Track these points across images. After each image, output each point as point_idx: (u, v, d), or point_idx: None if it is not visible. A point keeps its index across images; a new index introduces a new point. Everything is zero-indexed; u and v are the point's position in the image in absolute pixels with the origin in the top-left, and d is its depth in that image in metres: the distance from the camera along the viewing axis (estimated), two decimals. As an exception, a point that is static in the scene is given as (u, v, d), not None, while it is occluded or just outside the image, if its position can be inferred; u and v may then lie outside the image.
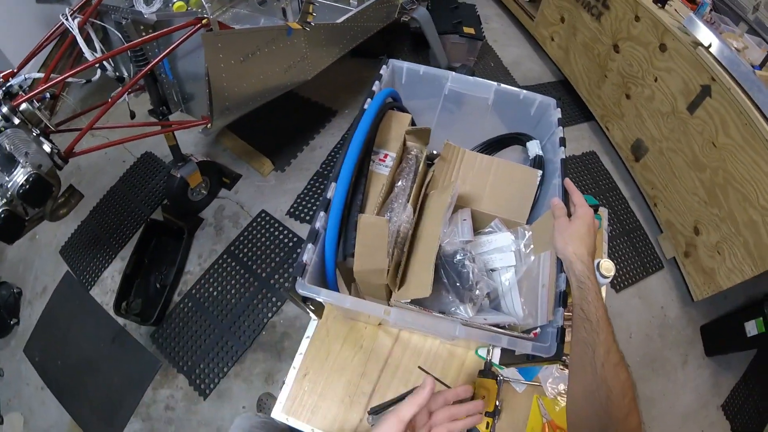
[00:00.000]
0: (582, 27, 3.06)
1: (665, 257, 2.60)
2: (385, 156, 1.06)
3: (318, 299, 0.87)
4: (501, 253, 1.07)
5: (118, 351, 2.25)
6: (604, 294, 1.37)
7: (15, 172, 1.39)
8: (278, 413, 1.10)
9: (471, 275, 0.97)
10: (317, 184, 2.57)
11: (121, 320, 2.26)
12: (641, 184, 2.76)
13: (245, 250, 2.36)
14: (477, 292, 0.98)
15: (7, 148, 1.39)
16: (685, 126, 2.35)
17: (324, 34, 2.18)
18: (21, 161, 1.40)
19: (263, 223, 2.44)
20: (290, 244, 2.34)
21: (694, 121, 2.29)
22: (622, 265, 2.57)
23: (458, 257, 0.98)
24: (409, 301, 0.89)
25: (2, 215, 1.37)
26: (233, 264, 2.33)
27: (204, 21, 1.64)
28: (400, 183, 1.04)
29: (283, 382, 1.14)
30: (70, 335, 2.38)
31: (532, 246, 1.06)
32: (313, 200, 2.50)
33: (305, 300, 0.90)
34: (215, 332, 2.15)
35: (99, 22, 1.76)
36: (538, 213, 1.14)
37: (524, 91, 1.30)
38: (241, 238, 2.40)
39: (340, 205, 0.89)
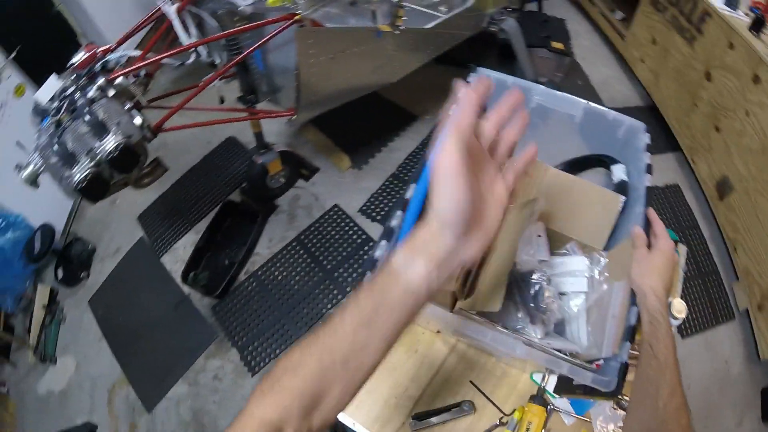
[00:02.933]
0: (674, 50, 2.91)
1: (738, 308, 2.42)
2: (468, 166, 1.06)
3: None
4: (573, 277, 1.04)
5: (178, 317, 2.39)
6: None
7: (106, 139, 1.51)
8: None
9: (546, 297, 0.96)
10: (392, 186, 2.61)
11: (186, 289, 2.41)
12: (723, 225, 2.59)
13: (314, 240, 2.44)
14: (549, 314, 0.96)
15: (101, 117, 1.51)
16: None
17: (412, 39, 2.21)
18: (112, 130, 1.52)
19: (335, 217, 2.52)
20: (358, 240, 2.40)
21: (786, 164, 2.11)
22: (692, 310, 2.41)
23: (535, 277, 0.97)
24: (475, 312, 0.90)
25: (89, 176, 1.49)
26: (301, 252, 2.41)
27: (297, 17, 1.71)
28: (481, 194, 1.04)
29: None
30: (136, 295, 2.57)
31: (606, 274, 1.03)
32: (386, 201, 2.54)
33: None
34: (274, 314, 2.24)
35: (196, 9, 1.88)
36: (616, 240, 1.10)
37: (613, 112, 1.26)
38: (312, 229, 2.48)
39: (417, 207, 0.90)
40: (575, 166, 1.34)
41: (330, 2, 2.72)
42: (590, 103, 1.27)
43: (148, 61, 1.73)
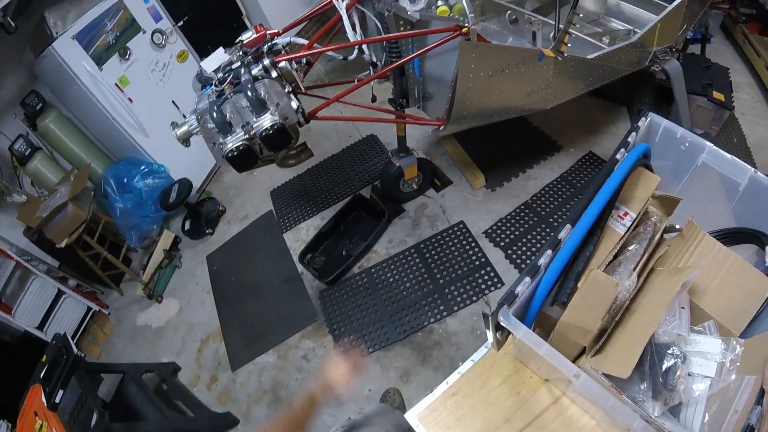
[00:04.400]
0: None
1: None
2: (625, 214, 0.99)
3: (514, 333, 0.85)
4: (704, 359, 0.92)
5: (286, 291, 2.54)
6: None
7: (263, 116, 1.61)
8: (411, 416, 1.11)
9: (677, 375, 0.86)
10: (522, 214, 2.49)
11: (300, 268, 2.55)
12: None
13: (433, 251, 2.44)
14: (674, 394, 0.88)
15: (262, 94, 1.61)
16: None
17: (573, 67, 2.11)
18: (271, 109, 1.62)
19: (458, 233, 2.48)
20: (477, 262, 2.33)
21: None
22: None
23: (672, 351, 0.88)
24: (601, 372, 0.83)
25: (241, 147, 1.60)
26: (417, 260, 2.42)
27: (464, 29, 1.70)
28: (632, 247, 0.96)
29: (430, 390, 1.14)
30: (252, 262, 2.79)
31: (738, 363, 0.90)
32: (513, 228, 2.44)
33: (499, 327, 0.89)
34: (377, 313, 2.28)
35: (363, 9, 1.93)
36: (757, 328, 0.98)
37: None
38: (433, 240, 2.48)
39: (570, 250, 0.86)
40: (728, 237, 1.18)
41: (491, 17, 2.72)
42: (758, 171, 1.13)
43: (314, 51, 1.83)
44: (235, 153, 1.59)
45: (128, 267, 2.95)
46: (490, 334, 0.97)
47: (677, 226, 1.09)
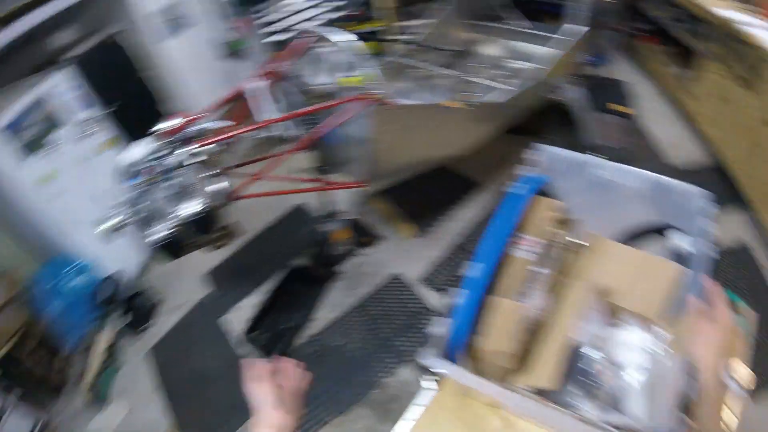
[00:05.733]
0: (742, 104, 2.77)
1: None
2: (528, 241, 1.09)
3: (442, 372, 0.90)
4: (631, 350, 1.01)
5: (236, 375, 2.41)
6: (740, 407, 1.20)
7: (191, 202, 1.64)
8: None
9: (599, 372, 0.94)
10: (453, 255, 2.59)
11: (244, 349, 2.48)
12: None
13: (373, 308, 2.46)
14: (602, 390, 0.94)
15: (188, 180, 1.65)
16: None
17: (481, 113, 2.24)
18: (198, 193, 1.65)
19: (396, 285, 2.53)
20: (417, 309, 2.38)
21: None
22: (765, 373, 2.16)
23: (588, 351, 0.96)
24: (530, 388, 0.89)
25: (170, 235, 1.60)
26: (359, 319, 2.43)
27: (374, 96, 1.83)
28: (540, 269, 1.06)
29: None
30: (196, 350, 2.68)
31: (666, 347, 1.00)
32: (447, 270, 2.52)
33: (430, 371, 0.93)
34: (329, 379, 2.25)
35: (278, 86, 2.05)
36: (675, 312, 1.06)
37: (673, 181, 1.24)
38: (372, 297, 2.51)
39: (481, 285, 0.93)
40: (636, 235, 1.31)
41: (403, 78, 2.91)
42: (651, 173, 1.27)
43: (235, 132, 1.88)
44: (165, 241, 1.60)
45: (69, 374, 2.74)
46: (425, 379, 1.01)
47: (577, 240, 1.21)
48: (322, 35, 2.01)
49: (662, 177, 1.27)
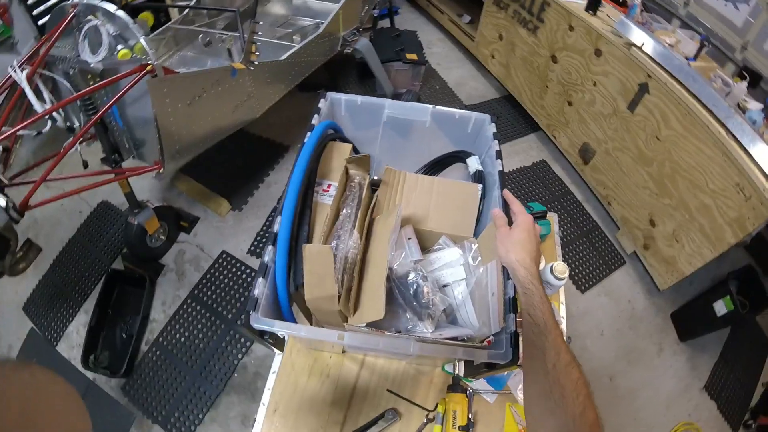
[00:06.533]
0: (520, 42, 3.20)
1: (626, 253, 2.70)
2: (329, 186, 1.09)
3: (274, 331, 0.88)
4: (451, 268, 1.10)
5: (90, 406, 2.13)
6: (564, 296, 1.42)
7: None
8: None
9: (426, 293, 1.00)
10: (273, 220, 2.54)
11: (90, 374, 2.19)
12: (593, 186, 2.87)
13: (209, 292, 2.35)
14: (433, 308, 1.00)
15: None
16: (627, 124, 2.47)
17: (268, 72, 2.22)
18: None
19: (225, 264, 2.43)
20: (252, 283, 2.31)
21: (635, 119, 2.41)
22: (584, 266, 2.64)
23: (411, 277, 1.01)
24: (364, 325, 0.91)
25: None
26: (198, 308, 2.30)
27: (149, 67, 1.67)
28: (344, 211, 1.07)
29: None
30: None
31: (479, 258, 1.10)
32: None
33: (262, 334, 0.91)
34: (186, 379, 2.11)
35: (48, 73, 1.77)
36: (483, 225, 1.18)
37: (459, 111, 1.35)
38: (204, 281, 2.38)
39: (286, 238, 0.91)
40: (435, 167, 1.42)
41: (184, 46, 2.69)
42: (436, 107, 1.36)
43: (4, 135, 1.58)
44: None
45: None
46: (263, 342, 0.99)
47: (377, 178, 1.26)
48: (87, 6, 1.75)
49: (447, 109, 1.36)
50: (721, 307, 2.23)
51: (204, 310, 2.29)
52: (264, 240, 2.51)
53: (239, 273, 2.40)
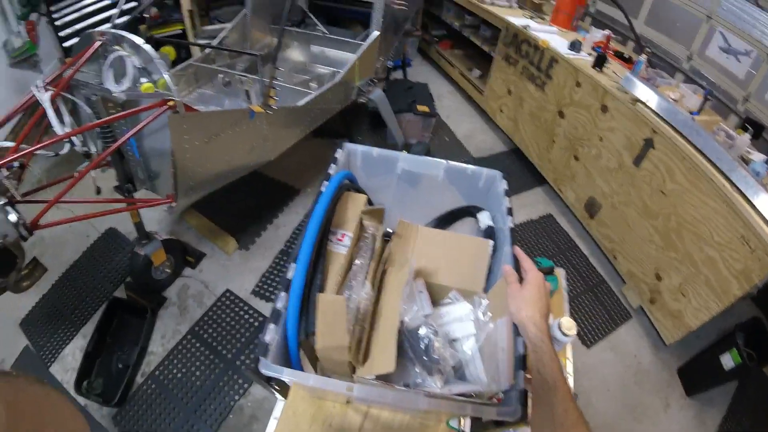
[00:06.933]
0: (528, 97, 3.29)
1: (632, 307, 2.67)
2: (343, 236, 1.11)
3: (282, 379, 0.88)
4: (460, 322, 1.10)
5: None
6: (571, 352, 1.40)
7: None
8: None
9: (437, 348, 0.99)
10: (282, 263, 2.57)
11: (82, 400, 2.14)
12: (599, 240, 2.88)
13: (210, 330, 2.32)
14: (443, 363, 1.00)
15: None
16: (633, 179, 2.50)
17: (286, 117, 2.27)
18: None
19: (228, 302, 2.42)
20: (255, 324, 2.30)
21: (641, 173, 2.44)
22: (590, 321, 2.62)
23: (422, 331, 1.01)
24: (373, 377, 0.91)
25: None
26: (198, 345, 2.27)
27: (171, 103, 1.71)
28: (358, 261, 1.08)
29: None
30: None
31: (489, 313, 1.10)
32: (278, 279, 2.49)
33: (269, 380, 0.90)
34: (180, 415, 2.06)
35: (70, 96, 1.81)
36: (494, 281, 1.18)
37: (471, 167, 1.38)
38: (206, 318, 2.36)
39: (300, 285, 0.92)
40: (446, 220, 1.43)
41: (204, 84, 2.77)
42: (450, 162, 1.39)
43: (22, 153, 1.60)
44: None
45: None
46: (269, 388, 0.98)
47: (390, 230, 1.27)
48: (115, 37, 1.81)
49: (459, 164, 1.39)
50: (728, 360, 2.18)
51: (203, 348, 2.26)
52: (269, 282, 2.50)
53: (242, 313, 2.37)
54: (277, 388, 0.97)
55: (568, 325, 1.19)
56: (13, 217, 1.50)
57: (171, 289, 2.50)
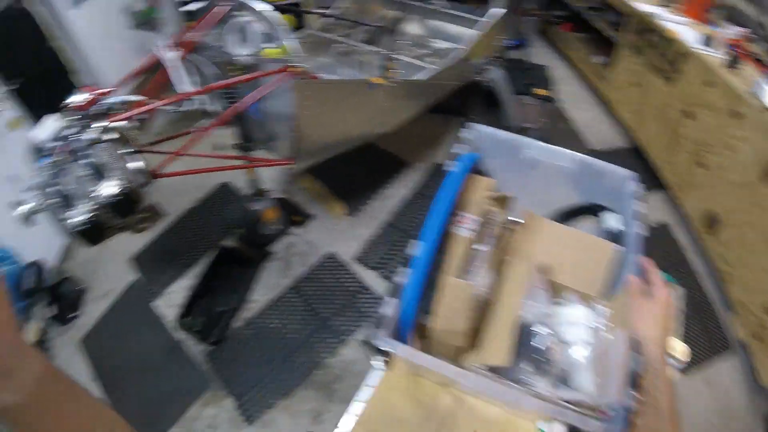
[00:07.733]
0: (654, 91, 3.01)
1: (734, 338, 2.44)
2: (467, 219, 1.10)
3: (396, 353, 0.89)
4: (575, 327, 1.05)
5: (171, 363, 2.33)
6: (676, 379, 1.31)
7: (106, 183, 1.51)
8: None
9: (551, 349, 0.97)
10: (387, 234, 2.62)
11: (180, 335, 2.36)
12: (713, 259, 2.62)
13: (309, 288, 2.43)
14: (555, 365, 0.97)
15: (101, 160, 1.52)
16: (759, 198, 2.23)
17: (405, 91, 2.26)
18: (113, 174, 1.52)
19: (330, 264, 2.51)
20: (354, 288, 2.38)
21: (768, 193, 2.17)
22: (688, 345, 2.42)
23: (538, 329, 0.99)
24: (486, 367, 0.90)
25: (88, 219, 1.47)
26: (296, 300, 2.39)
27: (298, 69, 1.75)
28: (479, 247, 1.07)
29: (336, 426, 1.15)
30: (128, 338, 2.52)
31: (609, 323, 1.05)
32: (381, 248, 2.55)
33: (381, 352, 0.92)
34: (270, 363, 2.20)
35: (198, 57, 1.94)
36: (616, 288, 1.12)
37: (602, 162, 1.30)
38: (307, 277, 2.47)
39: (425, 264, 0.93)
40: (569, 215, 1.37)
41: (323, 52, 2.83)
42: (579, 154, 1.31)
43: (149, 107, 1.74)
44: (84, 226, 1.47)
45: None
46: (376, 359, 1.00)
47: (515, 219, 1.24)
48: (240, 4, 1.89)
49: (590, 158, 1.32)
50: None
51: (301, 304, 2.37)
52: (372, 250, 2.55)
53: (342, 278, 2.46)
54: (386, 359, 0.99)
55: (683, 350, 1.11)
56: (137, 164, 1.62)
57: (278, 244, 2.64)
